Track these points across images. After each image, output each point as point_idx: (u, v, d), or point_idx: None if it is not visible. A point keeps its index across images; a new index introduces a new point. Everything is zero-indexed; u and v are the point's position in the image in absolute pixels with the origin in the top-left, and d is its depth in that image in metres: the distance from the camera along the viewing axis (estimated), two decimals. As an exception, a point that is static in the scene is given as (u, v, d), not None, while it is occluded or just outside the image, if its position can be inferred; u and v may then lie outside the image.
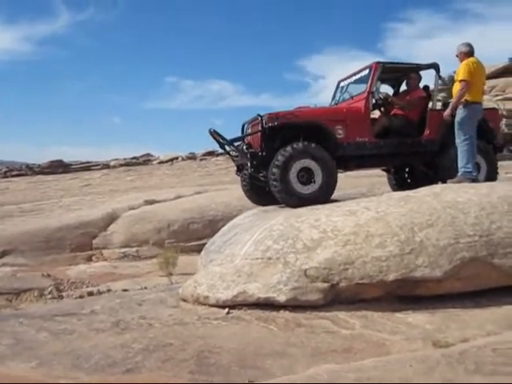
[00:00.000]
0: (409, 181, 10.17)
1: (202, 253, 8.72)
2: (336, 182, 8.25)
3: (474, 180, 8.15)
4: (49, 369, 4.77)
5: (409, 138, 8.88)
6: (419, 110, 9.22)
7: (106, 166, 44.77)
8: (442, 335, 5.07)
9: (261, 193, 9.02)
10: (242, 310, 5.94)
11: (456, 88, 8.51)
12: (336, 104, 9.63)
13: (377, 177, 15.94)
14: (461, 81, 8.39)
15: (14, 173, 43.97)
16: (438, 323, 5.40)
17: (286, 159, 7.89)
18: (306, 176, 8.02)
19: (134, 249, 15.56)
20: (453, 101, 8.55)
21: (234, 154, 9.12)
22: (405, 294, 5.95)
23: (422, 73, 9.56)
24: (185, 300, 6.58)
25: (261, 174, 8.40)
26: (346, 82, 9.74)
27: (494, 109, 10.03)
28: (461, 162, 8.37)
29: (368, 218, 6.42)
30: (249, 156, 8.38)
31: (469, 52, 8.57)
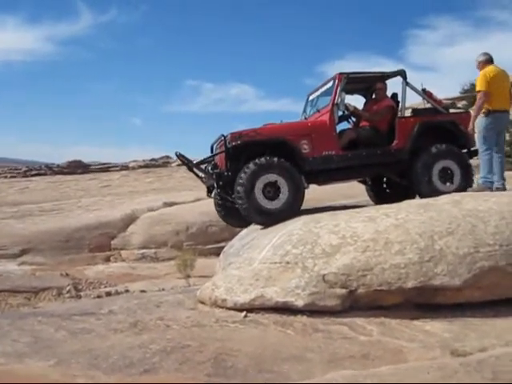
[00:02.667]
0: (387, 191, 10.03)
1: (221, 256, 8.74)
2: (303, 195, 8.16)
3: (499, 189, 8.10)
4: (67, 367, 4.79)
5: (378, 148, 8.71)
6: (387, 119, 9.02)
7: (125, 167, 44.83)
8: (460, 344, 5.04)
9: (234, 213, 8.88)
10: (259, 313, 5.94)
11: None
12: (305, 118, 9.52)
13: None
14: (478, 92, 8.36)
15: (34, 172, 44.11)
16: (457, 332, 5.37)
17: (249, 175, 7.81)
18: (273, 191, 7.93)
19: (153, 250, 15.69)
20: (472, 113, 8.51)
21: (202, 175, 9.03)
22: (423, 302, 5.93)
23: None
24: (202, 302, 6.60)
25: (231, 195, 8.31)
26: (314, 95, 9.61)
27: (465, 112, 9.81)
28: (482, 172, 8.34)
29: (387, 225, 6.40)
30: (214, 177, 8.34)
31: (486, 60, 8.51)
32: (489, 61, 8.49)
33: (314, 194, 9.82)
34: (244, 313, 5.96)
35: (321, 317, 5.77)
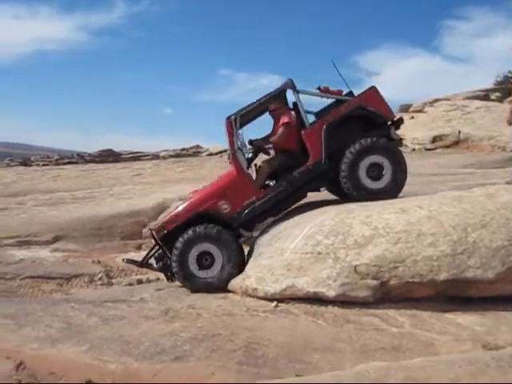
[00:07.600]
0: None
1: (251, 245, 8.73)
2: (243, 255, 7.89)
3: None
4: (99, 353, 4.86)
5: (295, 171, 8.03)
6: (293, 136, 8.24)
7: (156, 156, 44.88)
8: (492, 337, 5.00)
9: None
10: (290, 303, 5.96)
11: None
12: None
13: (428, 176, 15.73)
14: None
15: (65, 161, 44.37)
16: (489, 325, 5.32)
17: (178, 254, 7.57)
18: (210, 258, 7.61)
19: (183, 239, 15.70)
20: (509, 105, 8.43)
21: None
22: (455, 295, 5.88)
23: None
24: (233, 291, 6.64)
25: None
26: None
27: (370, 88, 8.41)
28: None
29: (420, 217, 6.34)
30: (161, 270, 8.22)
31: None
32: None
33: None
34: (275, 302, 5.98)
35: (352, 308, 5.76)
